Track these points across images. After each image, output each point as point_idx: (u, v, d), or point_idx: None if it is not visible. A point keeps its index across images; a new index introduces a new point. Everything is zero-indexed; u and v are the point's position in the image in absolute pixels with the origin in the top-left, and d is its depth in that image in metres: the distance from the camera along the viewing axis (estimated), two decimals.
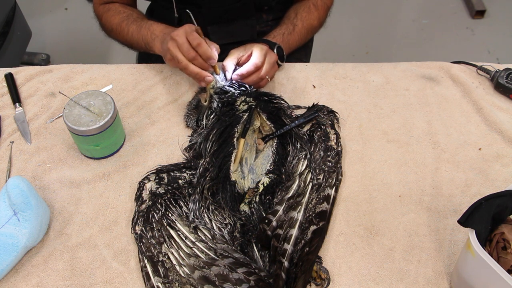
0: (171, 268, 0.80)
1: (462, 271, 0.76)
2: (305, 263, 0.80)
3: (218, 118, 0.97)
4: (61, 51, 2.43)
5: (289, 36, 1.15)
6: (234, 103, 0.98)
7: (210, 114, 0.99)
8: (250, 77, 1.02)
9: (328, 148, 0.96)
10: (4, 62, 1.75)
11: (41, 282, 0.82)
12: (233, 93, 1.00)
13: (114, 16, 1.16)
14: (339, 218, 0.91)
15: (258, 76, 1.02)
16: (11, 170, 0.97)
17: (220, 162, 0.90)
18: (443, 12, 2.71)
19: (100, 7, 1.20)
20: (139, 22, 1.12)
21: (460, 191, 0.95)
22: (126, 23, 1.14)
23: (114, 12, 1.17)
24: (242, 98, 0.99)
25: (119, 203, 0.92)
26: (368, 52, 2.51)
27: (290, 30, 1.16)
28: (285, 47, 1.13)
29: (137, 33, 1.11)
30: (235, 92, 1.00)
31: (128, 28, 1.13)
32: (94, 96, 0.95)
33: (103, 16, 1.18)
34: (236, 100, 0.99)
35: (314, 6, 1.21)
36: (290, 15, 1.20)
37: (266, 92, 1.04)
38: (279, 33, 1.15)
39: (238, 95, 1.00)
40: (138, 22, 1.12)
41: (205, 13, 1.18)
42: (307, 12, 1.19)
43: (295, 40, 1.17)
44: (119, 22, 1.15)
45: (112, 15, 1.17)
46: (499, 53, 2.51)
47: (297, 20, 1.18)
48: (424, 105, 1.10)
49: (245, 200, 0.90)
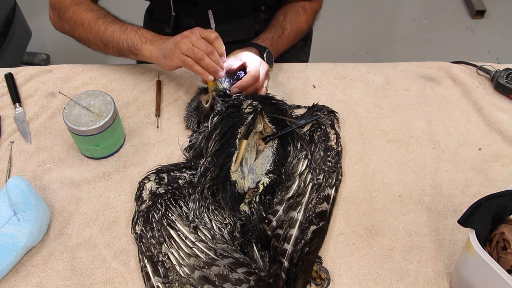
0: (171, 268, 0.80)
1: (462, 271, 0.76)
2: (305, 263, 0.80)
3: (222, 118, 0.97)
4: (61, 51, 2.43)
5: (278, 40, 1.15)
6: (240, 106, 0.98)
7: (214, 116, 0.98)
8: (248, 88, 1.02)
9: (328, 148, 0.96)
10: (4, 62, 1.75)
11: (41, 282, 0.82)
12: (238, 97, 0.99)
13: (86, 12, 1.11)
14: (339, 218, 0.91)
15: (255, 87, 1.02)
16: (11, 170, 0.97)
17: (221, 162, 0.90)
18: (443, 12, 2.71)
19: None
20: (121, 24, 1.08)
21: (460, 191, 0.95)
22: (103, 21, 1.09)
23: (86, 8, 1.11)
24: (248, 101, 0.98)
25: (119, 203, 0.92)
26: (368, 52, 2.51)
27: (280, 34, 1.16)
28: (274, 50, 1.13)
29: (119, 33, 1.07)
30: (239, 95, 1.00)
31: (106, 26, 1.08)
32: (94, 96, 0.94)
33: (71, 8, 1.12)
34: (242, 103, 0.98)
35: (303, 9, 1.21)
36: (278, 18, 1.19)
37: (271, 96, 1.04)
38: (269, 36, 1.14)
39: (244, 99, 0.99)
40: (119, 24, 1.08)
41: (201, 12, 1.18)
42: (295, 15, 1.19)
43: (283, 43, 1.17)
44: (94, 18, 1.09)
45: (84, 10, 1.11)
46: (499, 53, 2.51)
47: (286, 23, 1.18)
48: (424, 105, 1.10)
49: (245, 200, 0.90)
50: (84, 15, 1.11)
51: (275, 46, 1.14)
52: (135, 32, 1.06)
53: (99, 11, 1.12)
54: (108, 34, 1.08)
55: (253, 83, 1.01)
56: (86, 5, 1.12)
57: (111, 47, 1.09)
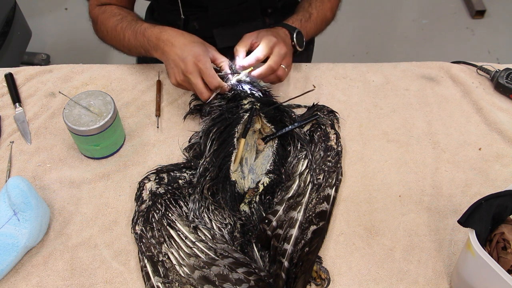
0: (171, 268, 0.80)
1: (462, 271, 0.76)
2: (305, 263, 0.80)
3: (221, 113, 0.97)
4: (61, 51, 2.43)
5: (306, 23, 1.14)
6: (242, 100, 0.98)
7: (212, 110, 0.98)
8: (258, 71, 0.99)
9: (328, 148, 0.96)
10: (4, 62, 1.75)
11: (41, 282, 0.82)
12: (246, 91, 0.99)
13: (109, 19, 1.11)
14: (339, 218, 0.91)
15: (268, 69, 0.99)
16: (11, 170, 0.97)
17: (220, 162, 0.90)
18: (443, 12, 2.71)
19: (96, 9, 1.14)
20: (133, 27, 1.07)
21: (460, 191, 0.95)
22: (121, 27, 1.08)
23: (109, 15, 1.11)
24: (250, 98, 0.99)
25: (119, 203, 0.92)
26: (368, 52, 2.51)
27: (307, 18, 1.14)
28: (303, 33, 1.11)
29: (134, 40, 1.06)
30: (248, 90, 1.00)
31: (123, 33, 1.08)
32: (94, 96, 0.95)
33: (99, 18, 1.13)
34: (246, 98, 0.98)
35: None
36: (304, 5, 1.18)
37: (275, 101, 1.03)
38: (297, 19, 1.13)
39: (249, 94, 0.99)
40: (132, 27, 1.07)
41: (210, 15, 1.18)
42: (320, 2, 1.18)
43: (311, 28, 1.15)
44: (113, 26, 1.09)
45: (107, 18, 1.11)
46: (499, 53, 2.51)
47: (312, 9, 1.16)
48: (424, 105, 1.10)
49: (245, 200, 0.90)
50: (106, 24, 1.11)
51: (304, 28, 1.12)
52: (143, 36, 1.05)
53: (119, 15, 1.11)
54: (126, 41, 1.08)
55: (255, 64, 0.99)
56: (109, 12, 1.12)
57: (134, 52, 1.10)
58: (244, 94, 0.99)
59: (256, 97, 0.99)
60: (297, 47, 1.08)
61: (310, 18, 1.15)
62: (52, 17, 2.61)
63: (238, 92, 0.99)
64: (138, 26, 1.06)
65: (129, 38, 1.07)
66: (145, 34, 1.04)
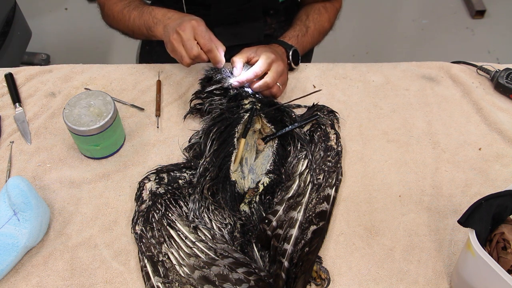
0: (171, 268, 0.80)
1: (462, 271, 0.76)
2: (305, 263, 0.80)
3: (221, 112, 0.97)
4: (61, 51, 2.43)
5: (303, 38, 1.16)
6: (243, 99, 0.98)
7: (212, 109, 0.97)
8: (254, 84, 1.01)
9: (328, 148, 0.96)
10: (4, 62, 1.74)
11: (41, 282, 0.82)
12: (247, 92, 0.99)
13: (116, 4, 1.15)
14: (339, 218, 0.91)
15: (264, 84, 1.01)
16: (11, 170, 0.97)
17: (220, 162, 0.90)
18: (443, 12, 2.71)
19: None
20: (141, 8, 1.10)
21: (460, 191, 0.95)
22: (128, 10, 1.12)
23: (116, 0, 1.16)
24: (251, 98, 0.99)
25: (119, 203, 0.92)
26: (368, 52, 2.51)
27: (304, 32, 1.16)
28: (299, 49, 1.13)
29: (138, 19, 1.09)
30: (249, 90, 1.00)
31: (129, 14, 1.11)
32: (94, 96, 0.95)
33: (106, 4, 1.17)
34: (247, 98, 0.98)
35: (324, 9, 1.21)
36: (301, 17, 1.19)
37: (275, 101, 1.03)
38: (294, 35, 1.15)
39: (250, 94, 0.99)
40: (139, 8, 1.11)
41: (212, 14, 1.18)
42: (318, 14, 1.19)
43: (308, 42, 1.17)
44: (121, 9, 1.13)
45: (114, 3, 1.15)
46: (499, 53, 2.51)
47: (309, 22, 1.18)
48: (424, 105, 1.10)
49: (245, 200, 0.90)
50: (114, 8, 1.15)
51: (300, 44, 1.14)
52: (149, 14, 1.07)
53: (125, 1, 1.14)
54: (131, 22, 1.11)
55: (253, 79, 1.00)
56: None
57: (137, 33, 1.13)
58: (245, 94, 0.99)
59: (257, 97, 1.00)
60: (292, 64, 1.12)
61: (307, 32, 1.17)
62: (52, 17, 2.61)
63: (239, 92, 0.99)
64: (146, 7, 1.10)
65: (134, 18, 1.10)
66: (152, 12, 1.07)
